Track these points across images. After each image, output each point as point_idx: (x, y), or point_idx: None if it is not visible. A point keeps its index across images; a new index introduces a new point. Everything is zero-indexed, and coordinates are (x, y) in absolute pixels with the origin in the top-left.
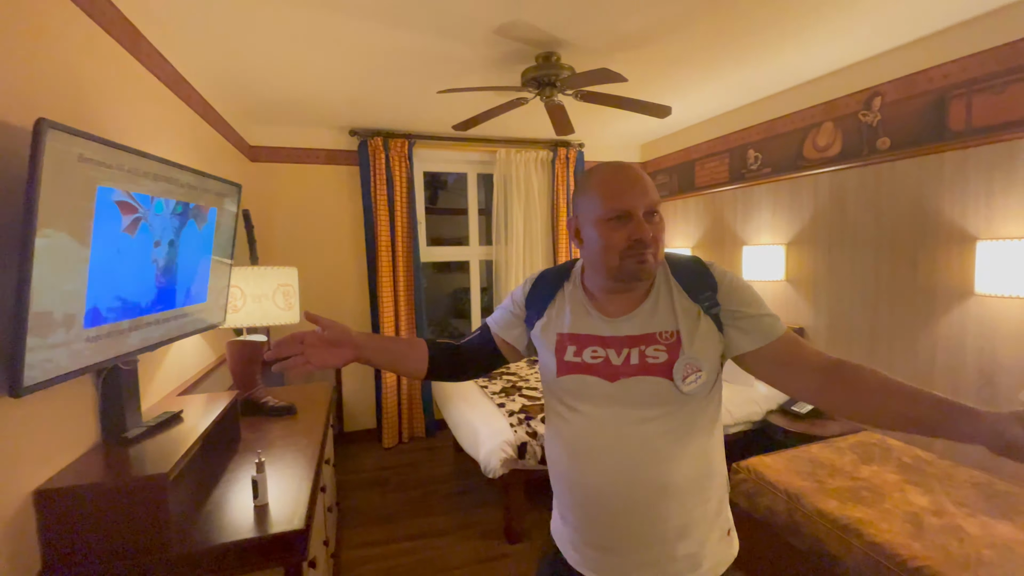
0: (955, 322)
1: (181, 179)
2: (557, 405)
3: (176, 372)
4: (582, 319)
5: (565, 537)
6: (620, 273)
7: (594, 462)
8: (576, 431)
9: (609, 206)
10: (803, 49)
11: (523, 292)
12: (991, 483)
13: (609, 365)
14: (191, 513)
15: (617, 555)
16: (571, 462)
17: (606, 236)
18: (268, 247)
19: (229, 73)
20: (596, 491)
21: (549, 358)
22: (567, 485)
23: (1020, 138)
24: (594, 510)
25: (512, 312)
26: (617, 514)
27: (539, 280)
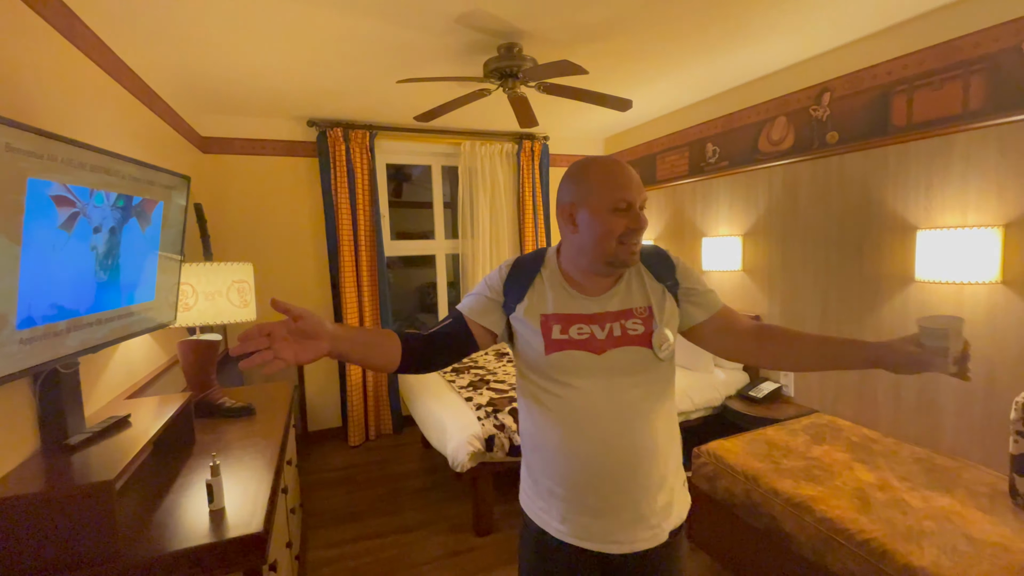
0: (898, 307)
1: (123, 171)
2: (546, 383)
3: (123, 374)
4: (564, 300)
5: (552, 512)
6: (614, 258)
7: (590, 430)
8: (570, 404)
9: (615, 196)
10: (758, 45)
11: (500, 278)
12: (931, 458)
13: (595, 339)
14: (142, 521)
15: (606, 517)
16: (567, 434)
17: (608, 223)
18: (223, 242)
19: (176, 60)
20: (592, 457)
21: (535, 339)
22: (562, 457)
23: (956, 132)
24: (589, 476)
25: (488, 297)
26: (611, 476)
27: (516, 265)
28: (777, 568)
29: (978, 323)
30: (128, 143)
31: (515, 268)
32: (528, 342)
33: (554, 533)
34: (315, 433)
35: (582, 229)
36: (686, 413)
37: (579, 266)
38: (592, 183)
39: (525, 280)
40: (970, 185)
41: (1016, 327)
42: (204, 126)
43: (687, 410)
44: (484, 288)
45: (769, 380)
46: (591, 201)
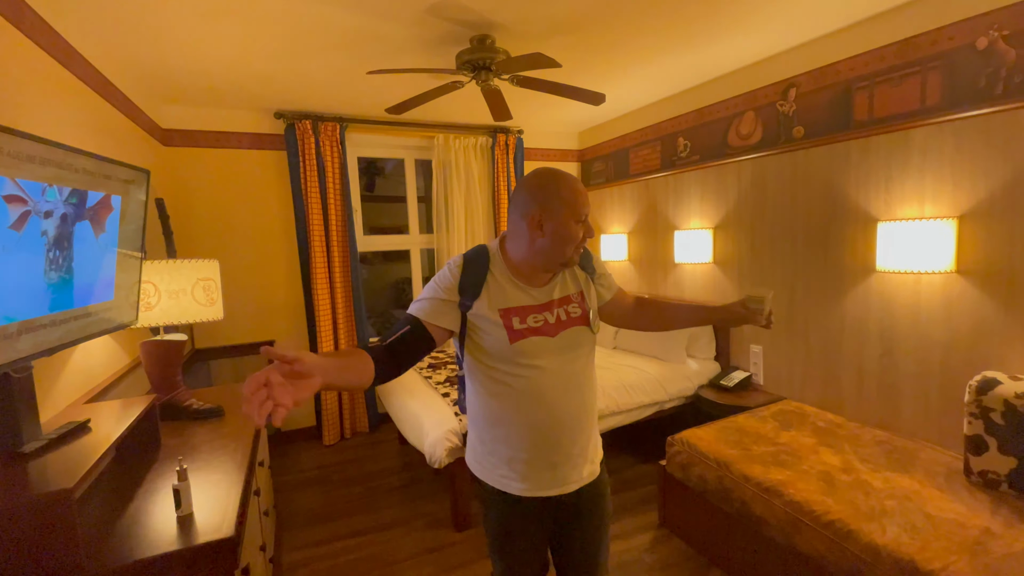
0: (860, 297)
1: (77, 164)
2: (510, 368)
3: (82, 378)
4: (517, 294)
5: (513, 475)
6: (569, 260)
7: (550, 400)
8: (533, 382)
9: (579, 212)
10: (727, 40)
11: (453, 278)
12: (891, 440)
13: (548, 325)
14: (106, 530)
15: (562, 467)
16: (531, 407)
17: (572, 233)
18: (188, 239)
19: (133, 48)
20: (552, 422)
21: (497, 331)
22: (526, 428)
23: (914, 127)
24: (549, 438)
25: (443, 300)
26: (566, 432)
27: (467, 266)
28: (748, 551)
29: (934, 310)
30: (82, 136)
31: (466, 268)
32: (489, 334)
33: (515, 492)
34: (289, 433)
35: (548, 235)
36: (660, 403)
37: (533, 264)
38: (563, 198)
39: (478, 279)
40: (927, 178)
41: (969, 314)
42: (165, 118)
43: (661, 400)
44: (437, 291)
45: (740, 369)
46: (562, 214)
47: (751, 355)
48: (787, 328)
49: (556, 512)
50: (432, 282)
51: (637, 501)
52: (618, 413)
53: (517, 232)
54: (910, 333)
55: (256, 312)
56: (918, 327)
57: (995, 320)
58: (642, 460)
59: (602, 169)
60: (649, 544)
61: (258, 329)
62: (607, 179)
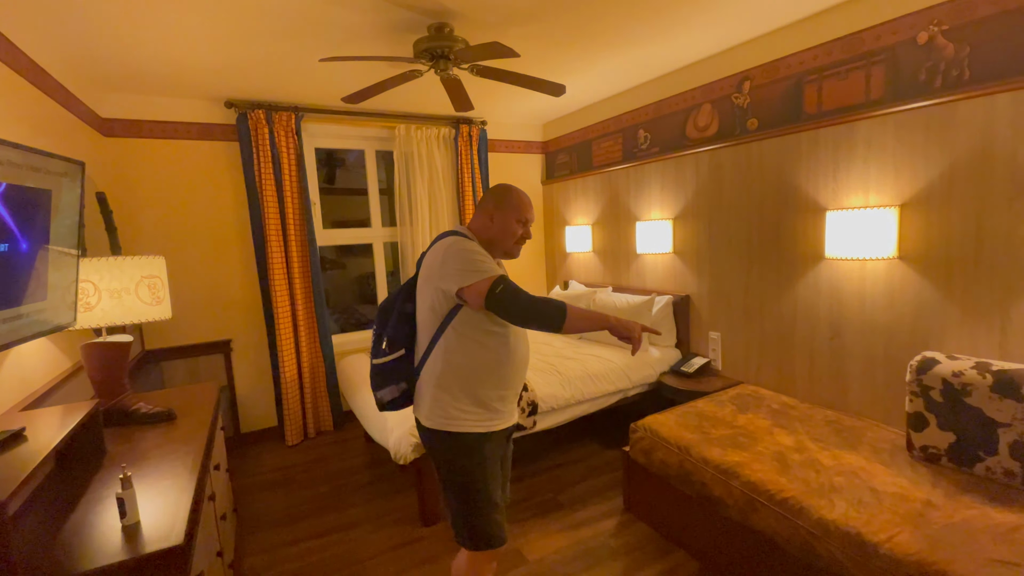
0: (810, 283)
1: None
2: (491, 326)
3: (16, 384)
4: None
5: (496, 414)
6: (510, 250)
7: (525, 341)
8: (513, 331)
9: (521, 215)
10: (685, 33)
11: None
12: (840, 419)
13: None
14: (45, 543)
15: (519, 396)
16: (513, 350)
17: (512, 229)
18: (135, 235)
19: (67, 32)
20: (523, 360)
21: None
22: (510, 367)
23: (859, 119)
24: (521, 372)
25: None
26: (526, 369)
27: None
28: (708, 531)
29: (878, 295)
30: (9, 126)
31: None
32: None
33: (497, 428)
34: (249, 434)
35: (496, 226)
36: (624, 390)
37: (491, 249)
38: (512, 203)
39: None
40: (871, 169)
41: (911, 297)
42: (105, 107)
43: (625, 388)
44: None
45: (699, 356)
46: (508, 213)
47: (710, 341)
48: (744, 315)
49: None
50: (478, 254)
51: (602, 487)
52: (583, 402)
53: (480, 225)
54: (856, 317)
55: (210, 310)
56: (864, 311)
57: (934, 303)
58: (607, 447)
59: (566, 161)
60: (614, 529)
61: (212, 328)
62: (571, 171)
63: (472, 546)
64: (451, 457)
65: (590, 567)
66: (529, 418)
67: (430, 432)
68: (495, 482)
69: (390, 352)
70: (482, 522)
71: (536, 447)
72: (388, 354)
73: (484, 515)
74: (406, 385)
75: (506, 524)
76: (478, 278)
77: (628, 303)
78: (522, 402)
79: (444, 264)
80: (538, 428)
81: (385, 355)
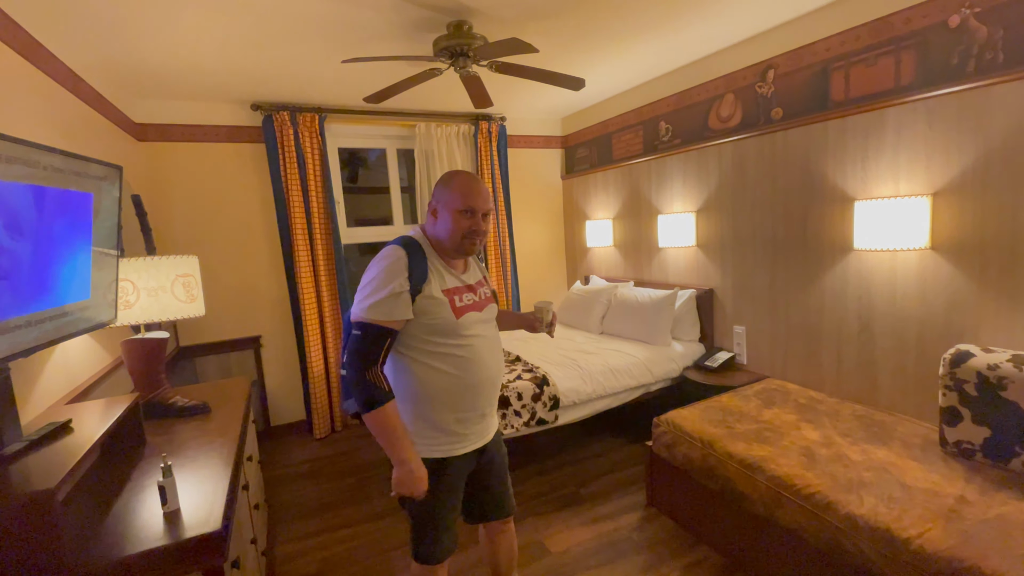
0: (838, 275)
1: (44, 161)
2: (456, 340)
3: (63, 378)
4: (450, 278)
5: (456, 437)
6: (459, 248)
7: (488, 362)
8: (474, 349)
9: (463, 203)
10: (706, 22)
11: (403, 267)
12: (869, 414)
13: (476, 302)
14: (92, 529)
15: (488, 417)
16: (475, 369)
17: (455, 222)
18: (167, 235)
19: (102, 41)
20: (487, 379)
21: (444, 309)
22: (471, 389)
23: (888, 106)
24: (485, 393)
25: (403, 293)
26: (494, 388)
27: (411, 257)
28: (733, 526)
29: (909, 287)
30: (51, 133)
31: (411, 257)
32: (436, 313)
33: (456, 453)
34: (278, 427)
35: (440, 223)
36: (646, 385)
37: (444, 250)
38: (451, 190)
39: (422, 265)
40: (901, 157)
41: (943, 289)
42: (138, 112)
43: (647, 382)
44: (394, 287)
45: (724, 350)
46: (448, 203)
47: (735, 336)
48: (769, 308)
49: (478, 460)
50: (381, 280)
51: (624, 482)
52: (605, 396)
53: (428, 223)
54: (887, 310)
55: (240, 307)
56: (895, 303)
57: (968, 295)
58: (629, 442)
59: (586, 155)
60: (637, 523)
61: (242, 325)
62: (591, 165)
63: (413, 556)
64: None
65: (613, 560)
66: (551, 412)
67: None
68: (445, 506)
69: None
70: (426, 541)
71: (557, 441)
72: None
73: (428, 535)
74: None
75: (454, 541)
76: (356, 311)
77: (650, 297)
78: (544, 396)
79: (362, 281)
80: (560, 422)
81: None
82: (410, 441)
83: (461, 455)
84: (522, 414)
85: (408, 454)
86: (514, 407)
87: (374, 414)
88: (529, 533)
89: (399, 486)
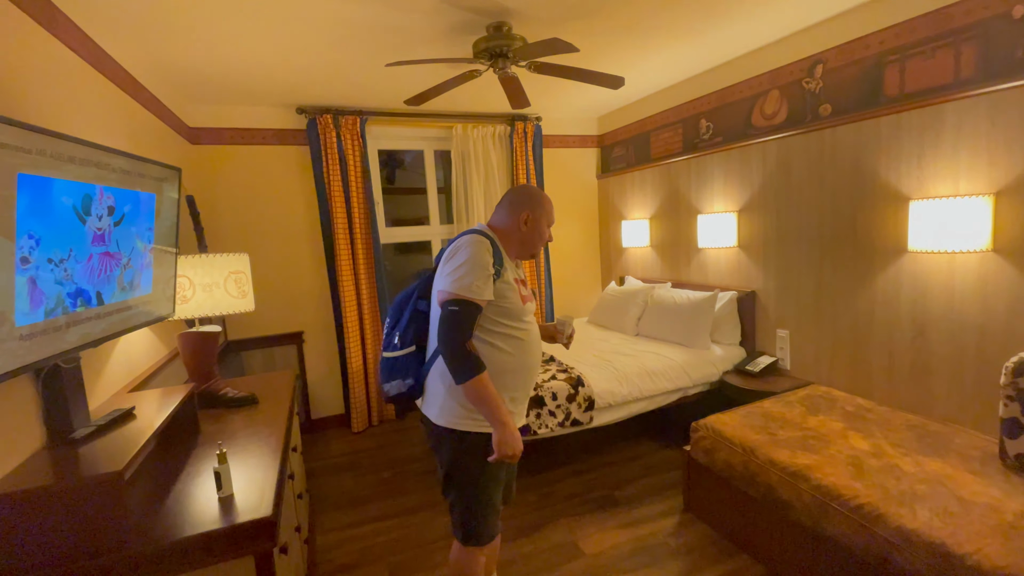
0: (891, 278)
1: (113, 164)
2: (519, 324)
3: (125, 368)
4: (516, 270)
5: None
6: (531, 252)
7: (537, 347)
8: (531, 333)
9: (551, 218)
10: (750, 17)
11: (490, 254)
12: (924, 425)
13: (529, 293)
14: (152, 510)
15: (527, 400)
16: (529, 352)
17: (544, 234)
18: (217, 234)
19: (160, 49)
20: (537, 364)
21: (515, 295)
22: (526, 370)
23: (947, 101)
24: (533, 375)
25: (491, 275)
26: (537, 374)
27: (492, 244)
28: (774, 535)
29: (969, 291)
30: (115, 136)
31: (493, 246)
32: (510, 297)
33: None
34: (318, 421)
35: (531, 230)
36: (684, 389)
37: (516, 251)
38: (545, 208)
39: (499, 254)
40: (961, 154)
41: (1006, 294)
42: (192, 116)
43: (685, 386)
44: (487, 268)
45: (766, 354)
46: (542, 217)
47: (777, 340)
48: (815, 311)
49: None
50: (474, 262)
51: (660, 486)
52: (641, 399)
53: (508, 225)
54: (944, 315)
55: (284, 304)
56: (952, 308)
57: None
58: (664, 445)
59: (622, 154)
60: (674, 528)
61: (286, 320)
62: (627, 164)
63: (463, 540)
64: (457, 456)
65: (649, 565)
66: (586, 413)
67: (439, 429)
68: (496, 484)
69: (401, 347)
70: (476, 521)
71: (591, 443)
72: (399, 348)
73: (480, 515)
74: (413, 381)
75: (499, 522)
76: (453, 287)
77: (689, 299)
78: (579, 397)
79: (446, 263)
80: (594, 424)
81: (397, 349)
82: (504, 405)
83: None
84: (556, 414)
85: (507, 416)
86: (548, 407)
87: (475, 382)
88: (563, 533)
89: (503, 446)
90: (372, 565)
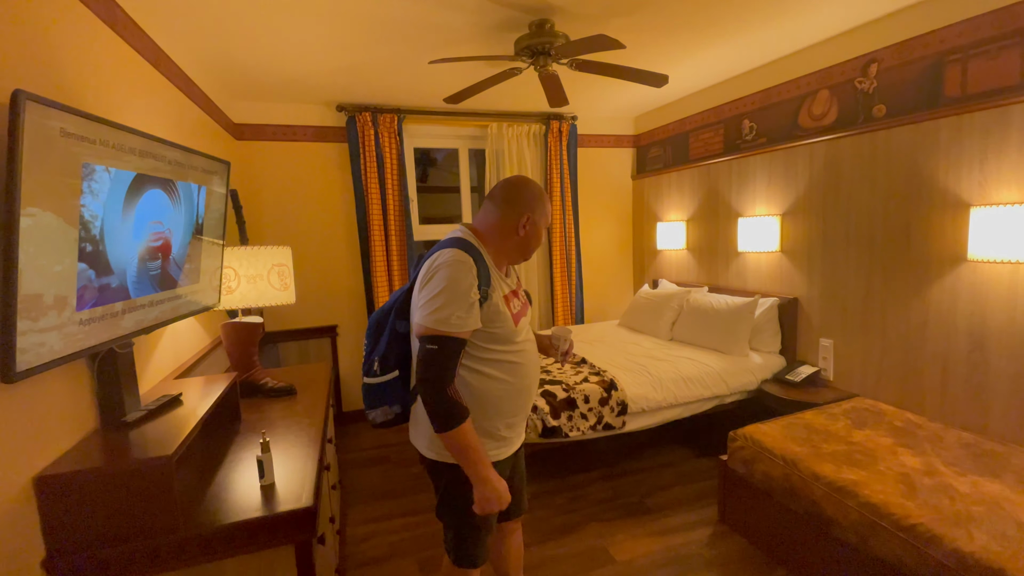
0: (947, 288)
1: (167, 156)
2: (513, 347)
3: (172, 355)
4: (504, 283)
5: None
6: (525, 256)
7: (535, 367)
8: (527, 354)
9: (549, 220)
10: (799, 15)
11: (473, 275)
12: (979, 443)
13: (522, 306)
14: (196, 495)
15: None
16: (527, 374)
17: (542, 237)
18: (257, 227)
19: (210, 46)
20: (534, 384)
21: (505, 320)
22: (523, 394)
23: (1014, 103)
24: (532, 397)
25: (476, 302)
26: (535, 392)
27: (475, 260)
28: (818, 552)
29: None
30: (167, 129)
31: (476, 263)
32: (500, 322)
33: (503, 457)
34: (349, 413)
35: (529, 234)
36: (721, 397)
37: (509, 257)
38: (544, 209)
39: (484, 270)
40: None
41: None
42: (237, 113)
43: (721, 394)
44: (470, 296)
45: (807, 364)
46: (541, 219)
47: (820, 349)
48: (862, 321)
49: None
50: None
51: (693, 495)
52: (676, 406)
53: (502, 228)
54: (1005, 328)
55: (320, 298)
56: (1015, 321)
57: None
58: (698, 454)
59: (659, 154)
60: (707, 539)
61: (321, 313)
62: (664, 164)
63: (455, 562)
64: (450, 486)
65: (682, 575)
66: (618, 418)
67: (429, 462)
68: (493, 517)
69: (382, 373)
70: (468, 545)
71: (623, 448)
72: (380, 375)
73: (472, 540)
74: (400, 408)
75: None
76: (429, 322)
77: (728, 304)
78: (611, 401)
79: (421, 287)
80: (627, 429)
81: (377, 376)
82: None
83: (505, 458)
84: (588, 417)
85: (490, 471)
86: (580, 410)
87: (456, 433)
88: (593, 538)
89: (485, 504)
90: (402, 559)
